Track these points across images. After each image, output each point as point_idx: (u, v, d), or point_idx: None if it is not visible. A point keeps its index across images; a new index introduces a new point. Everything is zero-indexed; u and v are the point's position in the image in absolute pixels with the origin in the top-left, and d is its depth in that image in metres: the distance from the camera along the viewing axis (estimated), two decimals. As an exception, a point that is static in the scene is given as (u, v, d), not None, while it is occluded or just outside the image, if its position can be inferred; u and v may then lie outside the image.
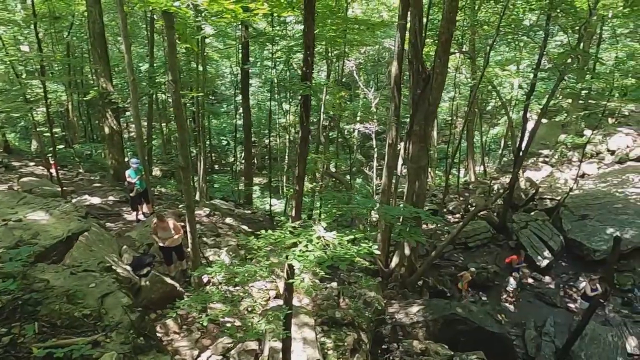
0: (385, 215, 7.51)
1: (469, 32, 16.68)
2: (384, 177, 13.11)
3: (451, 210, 18.47)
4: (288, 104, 26.54)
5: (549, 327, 12.61)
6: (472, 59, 18.97)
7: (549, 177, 18.75)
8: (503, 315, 13.22)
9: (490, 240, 16.14)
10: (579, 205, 15.95)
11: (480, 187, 20.29)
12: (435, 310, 11.31)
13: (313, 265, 3.62)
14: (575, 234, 14.93)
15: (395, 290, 13.09)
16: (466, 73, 22.99)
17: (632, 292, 13.75)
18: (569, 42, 17.67)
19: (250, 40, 17.02)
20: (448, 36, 11.03)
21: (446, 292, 13.50)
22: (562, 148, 20.17)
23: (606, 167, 18.77)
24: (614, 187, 16.60)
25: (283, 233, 4.02)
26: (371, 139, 26.88)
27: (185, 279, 9.03)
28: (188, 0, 3.41)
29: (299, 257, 3.52)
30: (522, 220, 15.96)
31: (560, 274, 14.70)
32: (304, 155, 4.07)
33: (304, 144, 4.03)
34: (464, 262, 15.38)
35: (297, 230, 3.89)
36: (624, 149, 18.85)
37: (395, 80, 11.87)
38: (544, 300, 13.89)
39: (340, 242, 3.69)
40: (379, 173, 26.99)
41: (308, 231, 3.75)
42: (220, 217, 14.12)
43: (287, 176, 27.31)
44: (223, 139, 33.12)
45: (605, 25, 17.26)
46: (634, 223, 14.45)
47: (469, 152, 24.04)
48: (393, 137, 12.34)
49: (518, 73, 20.80)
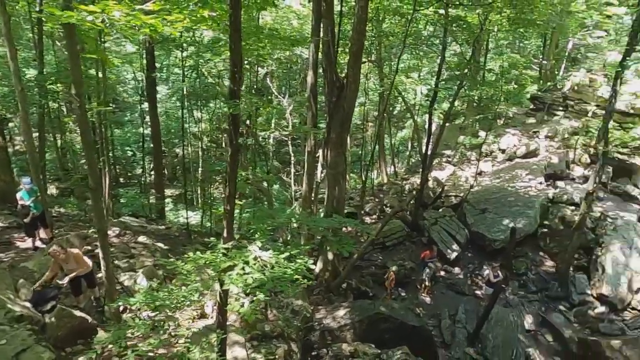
0: (315, 227, 7.58)
1: (376, 43, 17.59)
2: (304, 184, 13.24)
3: (368, 212, 19.23)
4: (199, 112, 25.60)
5: (461, 314, 13.68)
6: (379, 67, 20.02)
7: (452, 176, 20.44)
8: (421, 309, 14.08)
9: (405, 238, 17.08)
10: (479, 200, 17.59)
11: (393, 188, 21.42)
12: (360, 311, 11.67)
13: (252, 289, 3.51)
14: (477, 226, 16.42)
15: (321, 296, 13.25)
16: (374, 80, 24.16)
17: (526, 275, 15.51)
18: (462, 52, 19.50)
19: (156, 46, 16.11)
20: (359, 46, 11.51)
21: (369, 293, 13.98)
22: (462, 148, 22.15)
23: (499, 164, 20.99)
24: (506, 182, 18.63)
25: (216, 255, 3.83)
26: (287, 145, 26.99)
27: (98, 309, 8.20)
28: (102, 15, 3.08)
29: (236, 281, 3.38)
30: (432, 217, 17.16)
31: (467, 264, 16.04)
32: (234, 172, 3.92)
33: (234, 162, 3.89)
34: (383, 261, 16.06)
35: (231, 252, 3.73)
36: (512, 147, 21.25)
37: (311, 89, 12.06)
38: (455, 290, 15.04)
39: (277, 261, 3.62)
40: (297, 179, 27.23)
41: (243, 252, 3.62)
42: (132, 236, 13.09)
43: (202, 187, 26.30)
44: (128, 149, 30.83)
45: (491, 38, 19.35)
46: (524, 213, 16.33)
47: (381, 155, 25.27)
48: (311, 145, 12.52)
49: (420, 80, 22.38)
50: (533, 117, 23.97)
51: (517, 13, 13.54)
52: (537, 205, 16.71)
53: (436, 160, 22.19)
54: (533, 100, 24.46)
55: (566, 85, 22.78)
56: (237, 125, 3.84)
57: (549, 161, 19.73)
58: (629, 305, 13.83)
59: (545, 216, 16.79)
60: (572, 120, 22.00)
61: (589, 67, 22.28)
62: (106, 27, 3.29)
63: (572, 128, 21.40)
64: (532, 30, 19.05)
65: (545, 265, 15.72)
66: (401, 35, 15.56)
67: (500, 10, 13.65)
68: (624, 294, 13.84)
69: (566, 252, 14.89)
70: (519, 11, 13.36)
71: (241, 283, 3.34)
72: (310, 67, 11.76)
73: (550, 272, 15.35)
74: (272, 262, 3.52)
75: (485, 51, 20.45)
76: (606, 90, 19.13)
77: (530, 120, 23.92)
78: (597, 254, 14.99)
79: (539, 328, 13.60)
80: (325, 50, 11.36)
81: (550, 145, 21.16)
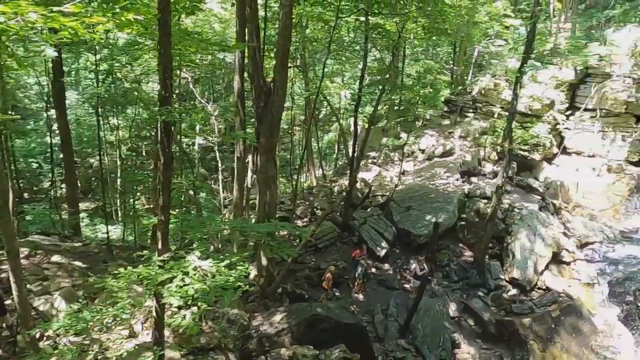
0: (253, 233, 7.49)
1: (300, 48, 17.85)
2: (234, 190, 13.01)
3: (299, 215, 19.37)
4: (116, 119, 24.07)
5: (392, 308, 14.32)
6: (305, 72, 20.31)
7: (378, 176, 21.33)
8: (355, 306, 14.49)
9: (336, 239, 17.46)
10: (403, 198, 18.54)
11: (322, 190, 21.80)
12: (297, 314, 11.74)
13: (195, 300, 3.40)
14: (403, 223, 17.29)
15: (257, 302, 13.09)
16: (300, 85, 24.44)
17: (448, 266, 16.62)
18: (382, 58, 20.47)
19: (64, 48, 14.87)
20: (284, 51, 11.62)
21: (305, 295, 14.07)
22: (386, 150, 23.20)
23: (420, 163, 22.32)
24: (427, 180, 19.86)
25: (151, 269, 3.67)
26: (213, 152, 26.30)
27: (9, 339, 7.35)
28: (16, 16, 2.78)
29: (176, 294, 3.26)
30: (361, 217, 17.74)
31: (395, 260, 16.80)
32: (168, 182, 3.78)
33: (167, 171, 3.74)
34: (316, 262, 16.27)
35: (168, 264, 3.59)
36: (431, 147, 22.72)
37: (239, 94, 11.93)
38: (386, 285, 15.67)
39: (218, 269, 3.55)
40: (226, 186, 26.62)
41: (182, 263, 3.51)
42: (44, 256, 11.96)
43: (122, 199, 24.71)
44: (32, 161, 27.98)
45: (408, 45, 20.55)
46: (444, 209, 17.51)
47: (309, 158, 25.59)
48: (241, 150, 12.36)
49: (344, 84, 23.07)
50: (448, 119, 25.86)
51: (430, 23, 14.63)
52: (455, 200, 18.02)
53: (362, 161, 23.01)
54: (447, 103, 26.37)
55: (474, 89, 24.88)
56: (170, 133, 3.71)
57: (464, 159, 21.40)
58: (536, 285, 15.43)
59: (463, 210, 18.16)
60: (481, 121, 24.07)
61: (493, 73, 24.54)
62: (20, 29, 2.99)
63: (481, 128, 23.41)
64: (443, 39, 20.61)
65: (465, 255, 16.99)
66: (325, 41, 15.96)
67: (415, 19, 14.64)
68: (531, 276, 15.42)
69: (482, 242, 16.22)
70: (432, 21, 14.45)
71: (182, 295, 3.23)
72: (236, 72, 11.63)
73: (469, 262, 16.60)
74: (213, 271, 3.44)
75: (403, 57, 21.66)
76: (508, 93, 21.18)
77: (445, 121, 25.77)
78: (508, 242, 16.54)
79: (462, 314, 14.65)
80: (251, 55, 11.30)
81: (464, 145, 22.96)
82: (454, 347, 13.19)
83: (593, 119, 21.90)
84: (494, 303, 14.85)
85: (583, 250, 17.44)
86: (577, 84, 22.55)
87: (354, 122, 17.14)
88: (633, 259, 16.67)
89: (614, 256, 17.04)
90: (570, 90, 22.64)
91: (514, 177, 20.50)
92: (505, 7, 22.58)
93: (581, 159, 22.16)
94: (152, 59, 17.26)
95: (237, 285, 3.50)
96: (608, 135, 21.52)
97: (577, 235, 17.93)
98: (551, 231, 16.93)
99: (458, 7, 16.30)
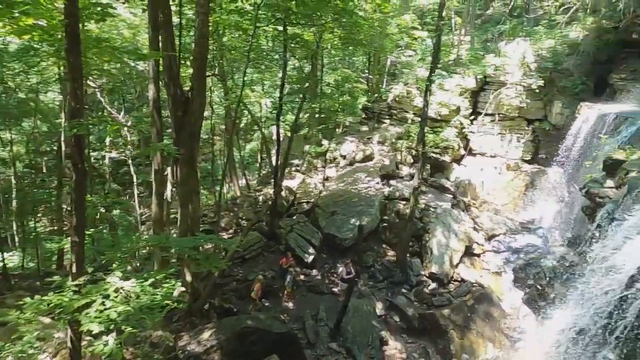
0: (179, 248, 7.13)
1: (218, 56, 17.49)
2: (153, 205, 12.29)
3: (224, 227, 18.87)
4: (9, 133, 21.64)
5: (322, 313, 14.51)
6: (223, 80, 19.93)
7: (302, 184, 21.54)
8: (285, 315, 14.43)
9: (263, 248, 17.29)
10: (328, 203, 18.93)
11: (247, 201, 21.46)
12: (226, 329, 11.38)
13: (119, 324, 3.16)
14: (329, 228, 17.64)
15: (182, 321, 12.48)
16: (218, 93, 23.92)
17: (373, 266, 17.25)
18: (301, 67, 20.81)
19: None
20: (202, 59, 11.32)
21: (233, 309, 13.71)
22: (308, 157, 23.53)
23: (342, 169, 22.96)
24: (350, 185, 20.50)
25: (64, 295, 3.35)
26: (126, 165, 24.67)
27: None
28: None
29: (96, 319, 3.01)
30: (287, 225, 17.77)
31: (323, 265, 17.07)
32: (81, 200, 3.47)
33: (80, 188, 3.44)
34: (244, 274, 15.96)
35: (85, 288, 3.30)
36: (352, 153, 23.51)
37: (154, 104, 11.35)
38: (315, 290, 15.84)
39: (142, 289, 3.35)
40: (142, 201, 25.09)
41: (102, 286, 3.25)
42: None
43: (20, 221, 22.23)
44: None
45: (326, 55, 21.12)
46: (367, 212, 18.19)
47: (232, 168, 25.07)
48: (159, 162, 11.74)
49: (265, 93, 23.03)
50: (366, 125, 26.97)
51: (346, 34, 15.22)
52: (377, 203, 18.81)
53: (286, 169, 23.09)
54: (364, 110, 27.49)
55: (389, 97, 26.28)
56: (82, 147, 3.42)
57: (382, 164, 22.45)
58: (452, 278, 16.64)
59: (384, 212, 19.01)
60: (397, 126, 25.47)
61: (405, 81, 26.11)
62: None
63: (397, 133, 24.76)
64: (359, 49, 21.53)
65: (388, 255, 17.78)
66: (243, 49, 15.84)
67: (332, 30, 15.13)
68: (447, 269, 16.58)
69: (402, 241, 17.10)
70: (348, 32, 15.06)
71: (102, 320, 2.99)
72: (151, 80, 11.06)
73: (393, 261, 17.40)
74: (137, 291, 3.24)
75: (322, 66, 22.21)
76: (420, 100, 22.70)
77: (364, 128, 26.84)
78: (426, 239, 17.64)
79: (388, 312, 15.29)
80: (166, 63, 10.84)
81: (382, 150, 24.10)
82: (382, 344, 13.71)
83: (493, 122, 24.28)
84: (416, 298, 15.71)
85: (490, 242, 19.22)
86: (477, 91, 24.86)
87: (276, 130, 17.17)
88: (531, 247, 18.71)
89: (516, 245, 19.00)
90: (472, 97, 24.89)
91: (429, 179, 21.95)
92: (413, 20, 24.22)
93: (485, 159, 24.44)
94: (51, 66, 15.81)
95: (164, 304, 3.32)
96: (506, 137, 23.99)
97: (485, 229, 19.70)
98: (463, 227, 18.39)
99: (371, 19, 17.16)
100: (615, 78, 20.94)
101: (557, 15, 26.55)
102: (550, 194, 21.17)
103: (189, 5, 14.74)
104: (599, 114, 17.85)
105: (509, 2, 32.31)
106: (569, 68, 22.57)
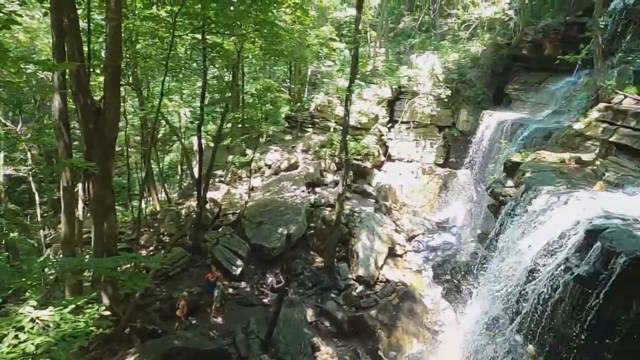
0: (99, 269, 6.58)
1: (132, 64, 16.57)
2: (62, 225, 11.26)
3: (144, 244, 17.79)
4: None
5: (253, 325, 14.26)
6: (138, 89, 18.91)
7: (227, 194, 21.10)
8: (214, 331, 13.95)
9: (188, 264, 16.58)
10: (254, 214, 18.74)
11: (168, 215, 20.45)
12: (151, 352, 10.79)
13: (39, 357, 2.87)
14: (256, 238, 17.46)
15: (100, 349, 11.53)
16: (133, 103, 22.62)
17: (302, 274, 17.37)
18: (221, 76, 20.46)
19: None
20: (115, 67, 10.69)
21: (158, 330, 12.95)
22: (232, 167, 23.12)
23: (267, 178, 22.89)
24: (276, 194, 20.49)
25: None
26: (26, 183, 22.29)
27: None
28: None
29: (8, 355, 2.72)
30: (213, 237, 17.26)
31: (252, 276, 16.80)
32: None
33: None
34: (167, 292, 15.16)
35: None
36: (276, 162, 23.56)
37: (60, 116, 10.43)
38: (244, 303, 15.51)
39: (62, 317, 3.10)
40: (46, 221, 22.83)
41: (13, 317, 2.95)
42: None
43: None
44: None
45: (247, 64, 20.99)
46: (294, 220, 18.31)
47: (150, 182, 23.77)
48: (68, 178, 10.80)
49: (184, 102, 22.26)
50: (290, 134, 27.23)
51: (267, 44, 15.29)
52: (303, 211, 19.02)
53: (210, 181, 22.45)
54: (287, 119, 27.77)
55: (312, 106, 26.83)
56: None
57: (307, 172, 22.78)
58: (378, 279, 17.31)
59: (311, 219, 19.28)
60: (320, 135, 26.06)
61: (326, 91, 26.87)
62: None
63: (320, 142, 25.32)
64: (280, 59, 21.71)
65: (316, 261, 18.02)
66: (159, 57, 15.21)
67: (253, 40, 15.10)
68: (373, 271, 17.23)
69: (329, 247, 17.46)
70: (269, 42, 15.14)
71: (16, 355, 2.71)
72: (57, 89, 10.17)
73: (321, 267, 17.67)
74: (57, 320, 2.99)
75: (242, 76, 22.03)
76: (341, 110, 23.45)
77: (287, 137, 27.06)
78: (351, 243, 18.19)
79: (318, 317, 15.44)
80: (74, 72, 10.06)
81: (307, 158, 24.47)
82: (314, 350, 13.81)
83: (408, 129, 25.89)
84: (345, 302, 16.09)
85: (411, 243, 20.37)
86: (393, 101, 26.37)
87: (198, 141, 16.65)
88: (447, 244, 20.16)
89: (434, 244, 20.35)
90: (389, 106, 26.35)
91: (352, 185, 22.73)
92: (331, 32, 25.07)
93: (403, 164, 25.94)
94: None
95: (89, 331, 3.08)
96: (420, 143, 25.72)
97: (405, 230, 20.83)
98: (386, 229, 19.28)
99: (291, 30, 17.44)
100: (510, 89, 23.52)
101: (460, 31, 29.17)
102: (461, 195, 23.03)
103: (98, 10, 13.85)
104: (498, 121, 19.88)
105: (418, 17, 34.82)
106: (471, 79, 24.87)
